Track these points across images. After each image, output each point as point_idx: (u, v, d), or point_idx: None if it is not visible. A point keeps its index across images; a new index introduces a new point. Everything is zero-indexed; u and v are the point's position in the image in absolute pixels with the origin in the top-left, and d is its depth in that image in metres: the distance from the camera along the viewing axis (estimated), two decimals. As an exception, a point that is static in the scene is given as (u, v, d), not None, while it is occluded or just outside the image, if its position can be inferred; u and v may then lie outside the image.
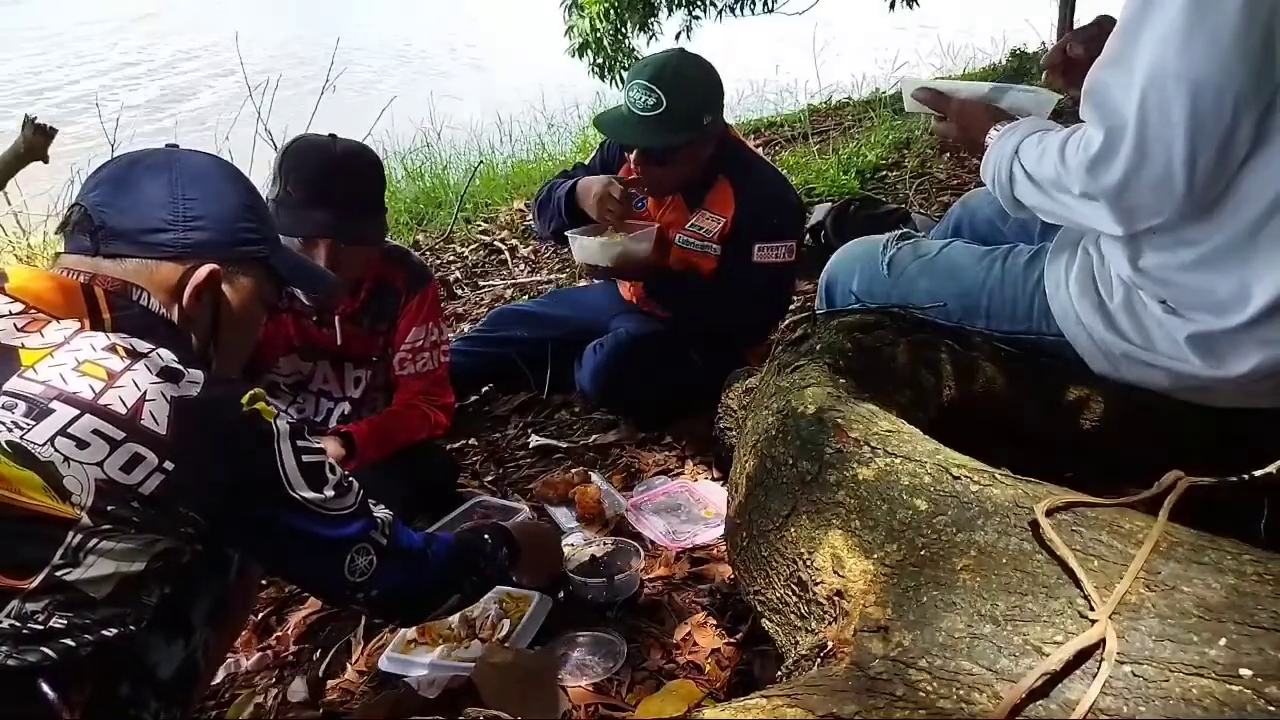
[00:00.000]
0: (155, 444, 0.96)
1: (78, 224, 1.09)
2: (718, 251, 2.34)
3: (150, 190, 1.11)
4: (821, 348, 1.43)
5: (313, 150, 1.88)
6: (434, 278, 2.17)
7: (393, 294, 2.05)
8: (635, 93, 2.17)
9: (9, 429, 0.91)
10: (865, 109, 5.75)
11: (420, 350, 2.08)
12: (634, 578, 1.65)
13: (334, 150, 1.87)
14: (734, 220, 2.30)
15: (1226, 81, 1.08)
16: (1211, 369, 1.28)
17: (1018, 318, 1.52)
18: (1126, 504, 1.01)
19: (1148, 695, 0.79)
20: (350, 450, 1.91)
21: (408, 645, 1.56)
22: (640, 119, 2.17)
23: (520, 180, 5.40)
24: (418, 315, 2.07)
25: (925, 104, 1.58)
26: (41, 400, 0.93)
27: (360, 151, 1.93)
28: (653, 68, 2.19)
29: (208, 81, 11.38)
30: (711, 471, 2.08)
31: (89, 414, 0.93)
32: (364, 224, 1.89)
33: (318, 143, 1.90)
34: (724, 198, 2.32)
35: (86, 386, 0.95)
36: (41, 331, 0.99)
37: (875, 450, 1.15)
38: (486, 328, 2.70)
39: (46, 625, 0.88)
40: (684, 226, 2.36)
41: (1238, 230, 1.18)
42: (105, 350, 0.99)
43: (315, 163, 1.85)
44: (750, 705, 0.93)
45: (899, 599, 0.98)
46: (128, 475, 0.93)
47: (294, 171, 1.84)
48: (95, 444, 0.93)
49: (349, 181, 1.85)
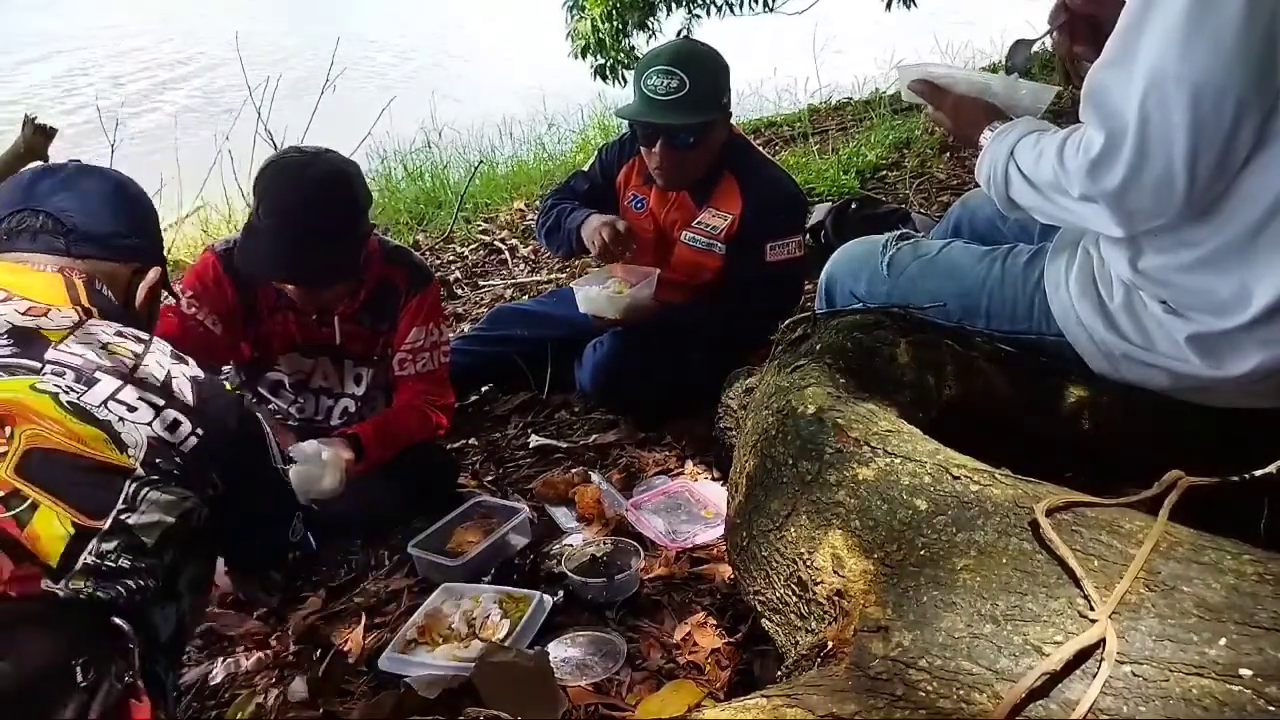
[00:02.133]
0: (187, 411, 1.13)
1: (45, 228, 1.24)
2: (723, 250, 2.34)
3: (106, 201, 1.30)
4: (821, 348, 1.43)
5: (286, 176, 1.82)
6: (435, 278, 2.16)
7: (393, 293, 2.05)
8: (655, 79, 2.17)
9: (66, 391, 1.05)
10: (865, 109, 5.74)
11: (420, 351, 2.08)
12: (634, 578, 1.65)
13: (308, 177, 1.80)
14: (741, 218, 2.30)
15: (1228, 84, 1.07)
16: (1212, 369, 1.28)
17: (1018, 318, 1.52)
18: (1126, 504, 1.01)
19: (1148, 695, 0.79)
20: (359, 452, 1.92)
21: (408, 645, 1.56)
22: (665, 102, 2.17)
23: (520, 180, 5.40)
24: (417, 315, 2.06)
25: (921, 95, 1.57)
26: (86, 370, 1.08)
27: (336, 180, 1.85)
28: (669, 53, 2.21)
29: (208, 81, 11.37)
30: (711, 471, 2.08)
31: (130, 385, 1.10)
32: (330, 262, 1.85)
33: (293, 167, 1.83)
34: (730, 194, 2.32)
35: (120, 362, 1.11)
36: (47, 315, 1.13)
37: (875, 450, 1.15)
38: (486, 327, 2.70)
39: (117, 564, 1.02)
40: (690, 224, 2.36)
41: (1238, 232, 1.18)
42: (118, 335, 1.15)
43: (286, 192, 1.80)
44: (750, 705, 0.93)
45: (899, 599, 0.98)
46: (172, 435, 1.11)
47: (264, 198, 1.81)
48: (142, 408, 1.09)
49: (317, 218, 1.79)
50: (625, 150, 2.49)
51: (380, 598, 1.79)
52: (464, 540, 1.84)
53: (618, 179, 2.48)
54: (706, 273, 2.38)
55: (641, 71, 2.23)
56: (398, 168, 5.86)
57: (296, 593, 1.84)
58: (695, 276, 2.40)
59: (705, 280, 2.40)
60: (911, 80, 1.58)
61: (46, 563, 0.98)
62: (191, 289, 1.97)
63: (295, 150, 1.91)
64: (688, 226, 2.36)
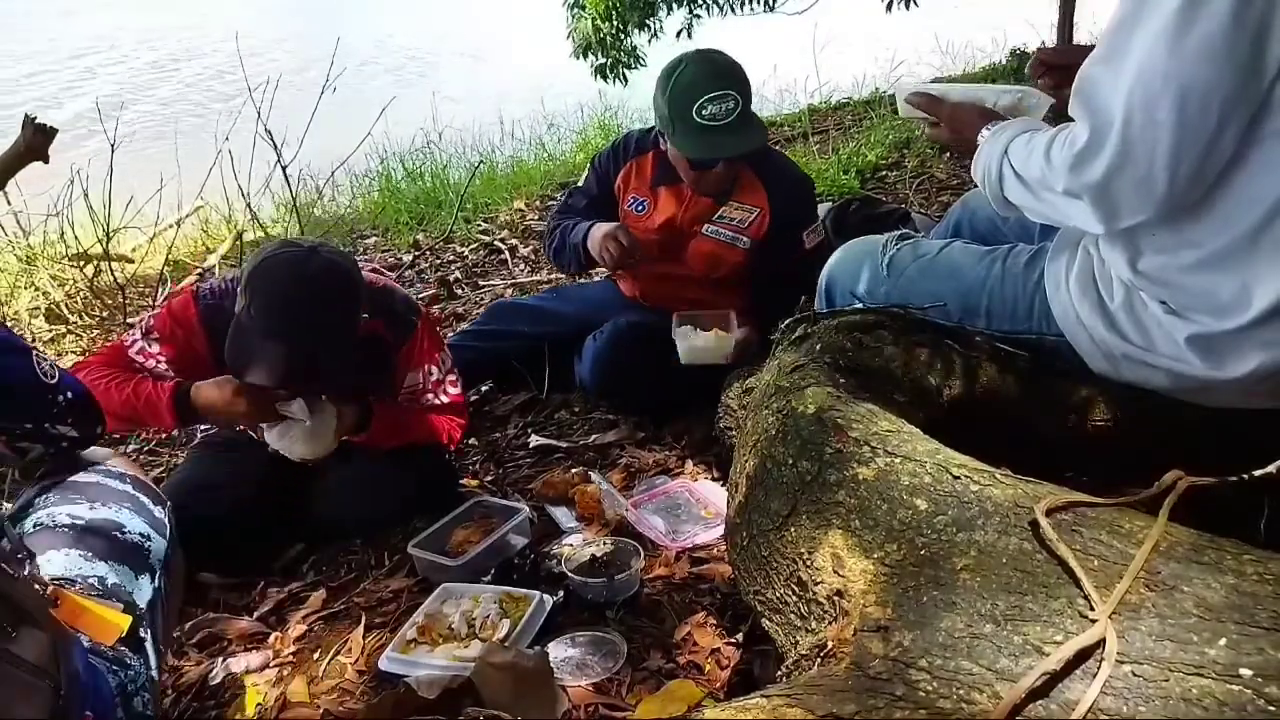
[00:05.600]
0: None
1: None
2: (746, 245, 2.34)
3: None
4: (821, 348, 1.43)
5: (281, 275, 1.73)
6: (421, 314, 2.05)
7: (377, 345, 1.97)
8: (712, 106, 2.12)
9: None
10: (865, 109, 5.75)
11: (423, 393, 2.06)
12: (634, 578, 1.65)
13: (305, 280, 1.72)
14: (770, 212, 2.32)
15: (1214, 85, 1.08)
16: (1212, 370, 1.28)
17: (1018, 318, 1.52)
18: (1126, 504, 1.01)
19: (1148, 695, 0.79)
20: (365, 421, 1.90)
21: (408, 645, 1.56)
22: (730, 125, 2.14)
23: (520, 180, 5.40)
24: (409, 362, 2.02)
25: (919, 109, 1.59)
26: None
27: (332, 286, 1.76)
28: (714, 75, 2.15)
29: (208, 81, 11.38)
30: (711, 471, 2.08)
31: None
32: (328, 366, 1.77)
33: (289, 265, 1.74)
34: (752, 187, 2.33)
35: None
36: None
37: (875, 450, 1.15)
38: (484, 322, 2.68)
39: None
40: (712, 217, 2.35)
41: (1239, 233, 1.18)
42: None
43: (280, 297, 1.72)
44: (750, 705, 0.93)
45: (899, 599, 0.98)
46: None
47: (257, 296, 1.72)
48: None
49: (311, 328, 1.73)
50: (620, 155, 2.46)
51: (380, 598, 1.79)
52: (464, 540, 1.84)
53: (616, 184, 2.46)
54: (725, 266, 2.38)
55: (690, 103, 2.12)
56: (397, 168, 5.86)
57: (295, 594, 1.84)
58: (714, 269, 2.39)
59: (723, 274, 2.40)
60: (908, 94, 1.59)
61: None
62: (159, 332, 1.88)
63: (291, 244, 1.79)
64: (710, 220, 2.36)
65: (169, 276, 3.96)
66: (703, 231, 2.36)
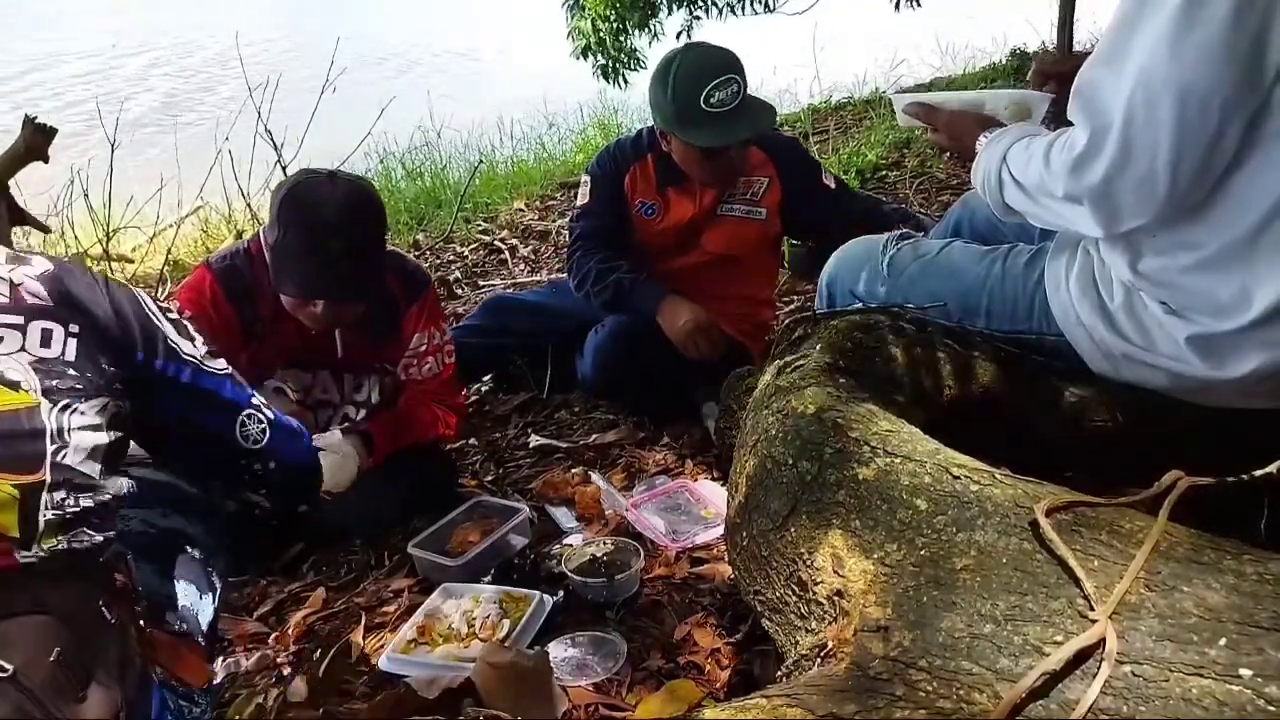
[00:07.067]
0: (49, 314, 1.04)
1: None
2: (763, 216, 2.37)
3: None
4: (821, 348, 1.43)
5: (311, 197, 1.79)
6: (431, 280, 2.14)
7: (390, 302, 2.02)
8: (719, 93, 2.13)
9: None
10: (865, 109, 5.75)
11: (425, 356, 2.07)
12: (634, 578, 1.65)
13: (334, 198, 1.78)
14: (779, 172, 2.36)
15: (1215, 87, 1.08)
16: (1212, 370, 1.28)
17: (1018, 318, 1.52)
18: (1126, 504, 1.01)
19: (1147, 695, 0.78)
20: (370, 448, 1.92)
21: (408, 645, 1.56)
22: (736, 108, 2.17)
23: (520, 180, 5.40)
24: (418, 322, 2.05)
25: (916, 118, 1.59)
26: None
27: (359, 200, 1.83)
28: (713, 62, 2.17)
29: (208, 81, 11.37)
30: (711, 471, 2.08)
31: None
32: (365, 278, 1.84)
33: (316, 188, 1.80)
34: (757, 158, 2.35)
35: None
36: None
37: (875, 450, 1.15)
38: (482, 318, 2.67)
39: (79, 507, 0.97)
40: (723, 195, 2.36)
41: (1238, 234, 1.18)
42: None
43: (313, 212, 1.77)
44: (750, 705, 0.93)
45: (899, 599, 0.98)
46: (49, 349, 1.02)
47: (292, 221, 1.78)
48: (8, 336, 1.00)
49: (347, 234, 1.78)
50: (620, 163, 2.41)
51: (380, 598, 1.79)
52: (464, 540, 1.84)
53: (624, 189, 2.41)
54: (748, 241, 2.39)
55: (697, 94, 2.13)
56: (397, 167, 5.86)
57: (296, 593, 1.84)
58: (739, 245, 2.40)
59: (748, 249, 2.41)
60: (906, 104, 1.60)
61: (8, 534, 0.93)
62: (188, 308, 1.91)
63: (310, 172, 1.87)
64: (725, 199, 2.37)
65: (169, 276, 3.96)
66: (720, 211, 2.37)
